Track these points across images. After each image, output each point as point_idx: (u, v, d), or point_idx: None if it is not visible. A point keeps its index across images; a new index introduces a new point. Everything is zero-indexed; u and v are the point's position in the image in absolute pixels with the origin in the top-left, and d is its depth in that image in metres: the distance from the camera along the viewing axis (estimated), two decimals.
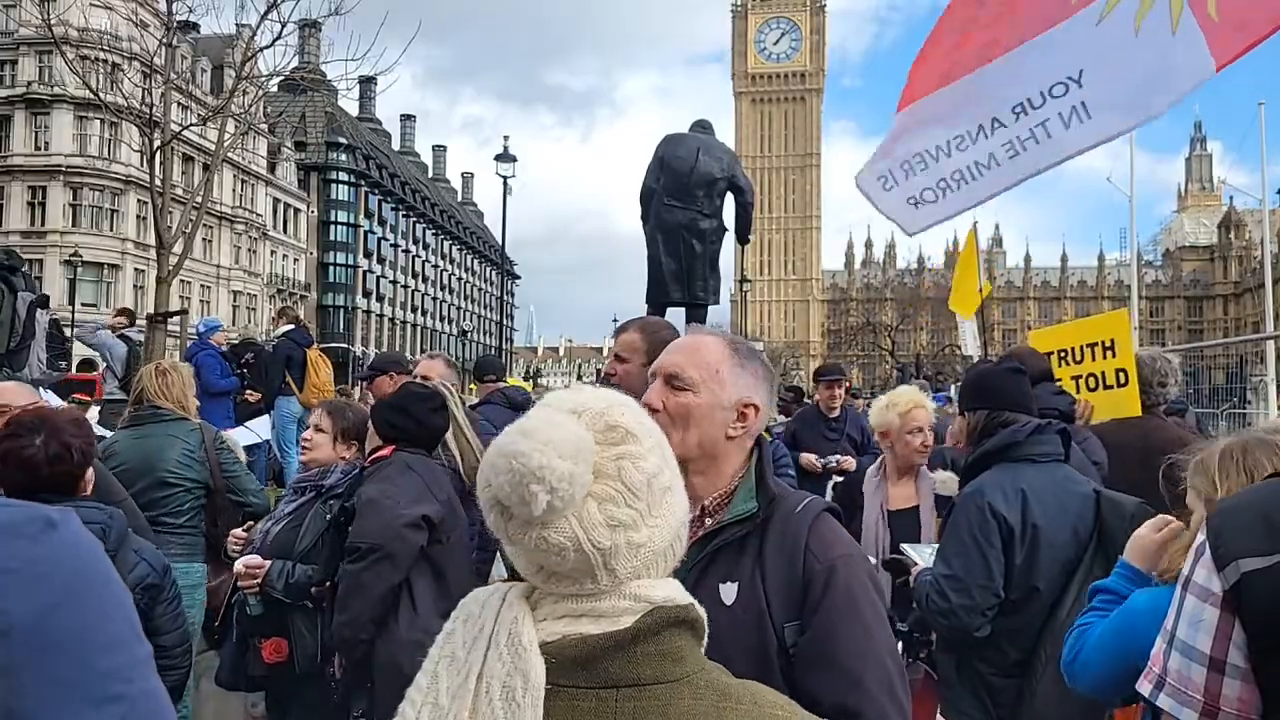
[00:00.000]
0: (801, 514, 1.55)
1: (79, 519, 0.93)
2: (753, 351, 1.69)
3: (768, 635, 1.48)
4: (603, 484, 0.99)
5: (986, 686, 2.63)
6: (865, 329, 70.97)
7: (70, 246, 39.31)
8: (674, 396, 1.60)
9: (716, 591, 1.51)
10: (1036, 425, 2.79)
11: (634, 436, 1.04)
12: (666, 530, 1.04)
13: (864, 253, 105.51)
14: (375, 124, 77.04)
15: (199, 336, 8.97)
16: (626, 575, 1.00)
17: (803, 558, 1.50)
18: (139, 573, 2.42)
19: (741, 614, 1.49)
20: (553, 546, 0.97)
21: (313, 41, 30.38)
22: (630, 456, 1.02)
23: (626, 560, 1.00)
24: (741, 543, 1.55)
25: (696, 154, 7.01)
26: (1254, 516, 1.35)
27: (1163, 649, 1.43)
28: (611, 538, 0.98)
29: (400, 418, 3.14)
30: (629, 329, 2.92)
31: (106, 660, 0.88)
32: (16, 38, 40.18)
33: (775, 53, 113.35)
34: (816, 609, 1.48)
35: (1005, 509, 2.62)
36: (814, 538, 1.52)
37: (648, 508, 1.01)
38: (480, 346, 79.55)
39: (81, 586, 0.88)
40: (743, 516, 1.55)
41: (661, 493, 1.04)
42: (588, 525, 0.98)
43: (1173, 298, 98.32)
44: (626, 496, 1.00)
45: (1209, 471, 1.83)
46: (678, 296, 7.14)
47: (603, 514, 0.99)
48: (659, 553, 1.03)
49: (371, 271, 67.44)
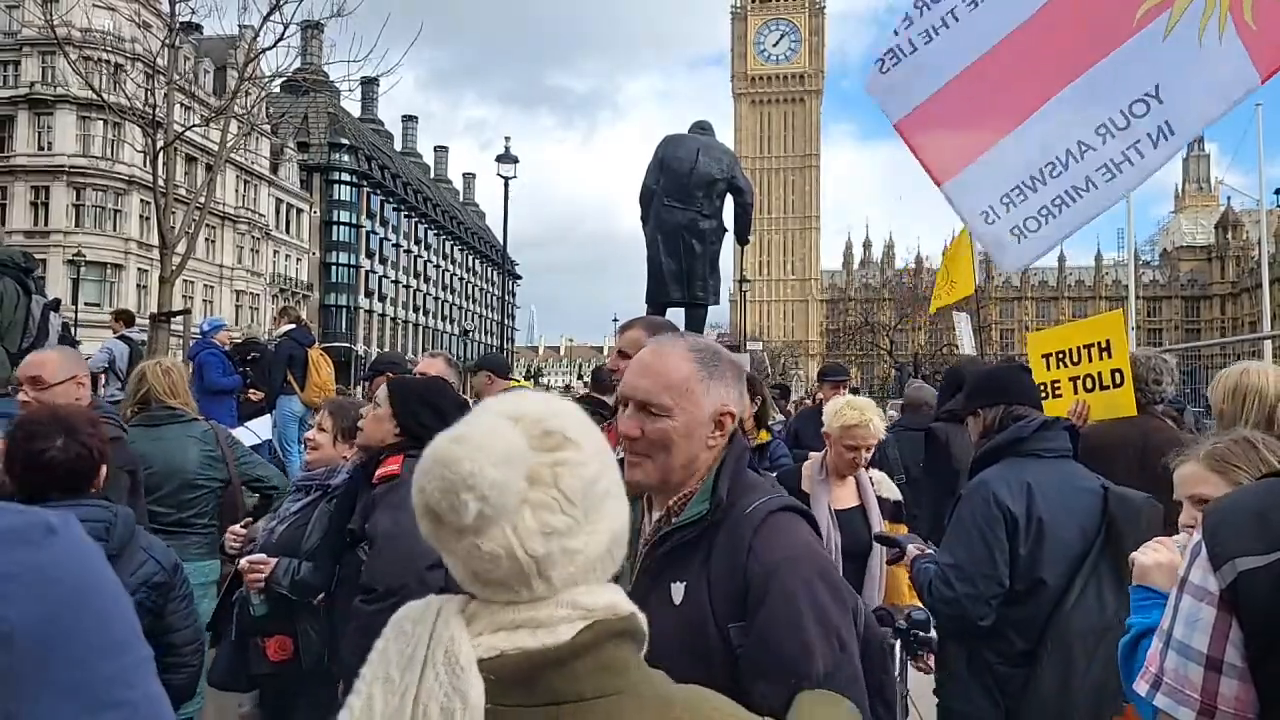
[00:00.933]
0: (751, 515, 1.54)
1: (79, 523, 0.93)
2: (715, 352, 1.66)
3: (711, 636, 1.48)
4: (538, 491, 0.97)
5: (994, 675, 2.65)
6: (864, 329, 70.80)
7: (73, 246, 39.25)
8: (651, 423, 1.57)
9: (668, 591, 1.52)
10: (1043, 421, 2.82)
11: (572, 442, 1.01)
12: (604, 536, 1.02)
13: (862, 253, 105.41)
14: (377, 125, 77.04)
15: (202, 335, 8.98)
16: (562, 583, 0.98)
17: (745, 559, 1.50)
18: (147, 570, 2.40)
19: (688, 614, 1.50)
20: (485, 554, 0.95)
21: (315, 43, 30.40)
22: (567, 463, 0.99)
23: (562, 567, 0.98)
24: (694, 544, 1.55)
25: (696, 155, 7.02)
26: (1250, 515, 1.36)
27: (1159, 648, 1.43)
28: (546, 545, 0.96)
29: (432, 416, 2.85)
30: (633, 327, 2.94)
31: (109, 665, 0.87)
32: (20, 38, 40.18)
33: (774, 54, 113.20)
34: (756, 613, 1.46)
35: (1010, 501, 2.64)
36: (759, 539, 1.51)
37: (584, 514, 0.99)
38: (482, 346, 79.45)
39: (83, 592, 0.87)
40: (694, 519, 1.56)
41: (600, 499, 1.02)
42: (522, 533, 0.95)
43: (1170, 298, 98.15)
44: (562, 503, 0.98)
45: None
46: (678, 297, 7.14)
47: (537, 521, 0.96)
48: (596, 559, 1.01)
49: (374, 272, 67.40)
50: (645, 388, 1.58)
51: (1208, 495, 1.91)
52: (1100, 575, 2.60)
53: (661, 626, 1.44)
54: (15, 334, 3.99)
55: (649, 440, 1.57)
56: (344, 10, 13.82)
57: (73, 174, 42.81)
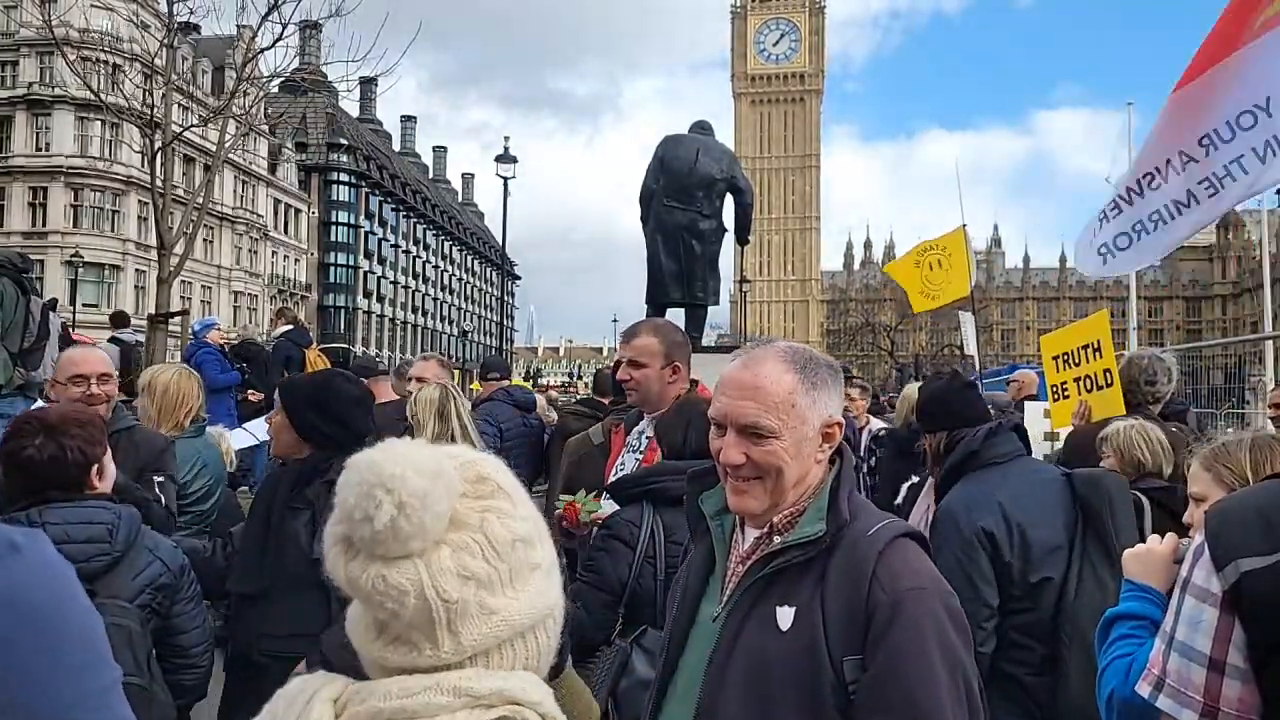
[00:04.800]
0: (873, 539, 1.43)
1: (48, 540, 0.90)
2: (811, 358, 1.55)
3: (823, 667, 1.38)
4: (461, 533, 0.89)
5: (1023, 687, 2.63)
6: (864, 329, 70.90)
7: (71, 247, 39.25)
8: (757, 448, 1.46)
9: (773, 615, 1.43)
10: (988, 429, 2.83)
11: (506, 494, 0.94)
12: (527, 610, 0.91)
13: (863, 253, 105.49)
14: (376, 125, 77.00)
15: (194, 336, 9.10)
16: (471, 645, 0.88)
17: (868, 587, 1.38)
18: (152, 572, 2.37)
19: (796, 641, 1.40)
20: (391, 588, 0.86)
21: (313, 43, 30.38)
22: (498, 512, 0.92)
23: (474, 625, 0.88)
24: (805, 566, 1.44)
25: (696, 155, 7.02)
26: (1252, 516, 1.35)
27: (1162, 650, 1.42)
28: (461, 590, 0.87)
29: (326, 420, 2.73)
30: (641, 333, 2.90)
31: (71, 689, 0.85)
32: (17, 39, 40.15)
33: (775, 54, 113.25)
34: (879, 645, 1.36)
35: (981, 520, 2.64)
36: (883, 566, 1.40)
37: (510, 573, 0.90)
38: (481, 347, 79.48)
39: (46, 613, 0.85)
40: (809, 539, 1.45)
41: (528, 567, 0.93)
42: (435, 570, 0.87)
43: (1171, 298, 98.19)
44: (486, 551, 0.89)
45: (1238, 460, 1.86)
46: (677, 297, 7.14)
47: (455, 561, 0.88)
48: (514, 633, 0.90)
49: (372, 272, 67.38)
50: (745, 411, 1.46)
51: (1199, 493, 1.92)
52: (1091, 559, 2.62)
53: (764, 652, 1.40)
54: (15, 334, 4.00)
55: (755, 464, 1.47)
56: (342, 10, 13.80)
57: (70, 174, 42.79)
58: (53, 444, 2.27)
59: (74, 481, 2.31)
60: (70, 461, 2.29)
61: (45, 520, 2.20)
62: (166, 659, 2.44)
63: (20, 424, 2.36)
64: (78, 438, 2.31)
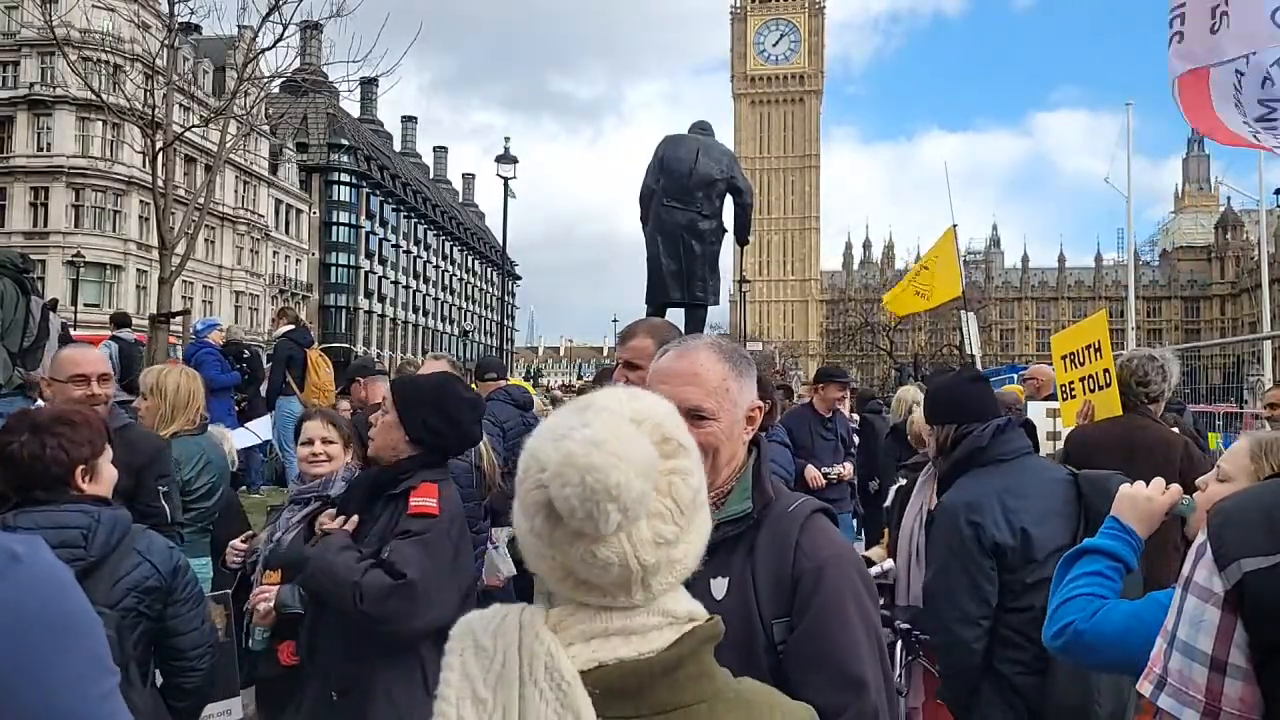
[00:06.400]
0: (794, 513, 1.59)
1: (46, 546, 0.91)
2: (735, 348, 1.69)
3: (755, 631, 1.51)
4: (656, 500, 0.96)
5: (1013, 687, 2.63)
6: (864, 329, 70.92)
7: (73, 247, 39.28)
8: (698, 430, 1.52)
9: (708, 586, 1.54)
10: (997, 425, 2.82)
11: (685, 450, 1.02)
12: (698, 546, 1.03)
13: (862, 254, 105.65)
14: (377, 125, 77.03)
15: (195, 336, 9.16)
16: (660, 590, 0.98)
17: (793, 556, 1.54)
18: (138, 575, 2.31)
19: (731, 609, 1.50)
20: (599, 561, 0.93)
21: (314, 43, 30.39)
22: (681, 472, 1.00)
23: (663, 576, 0.98)
24: (734, 540, 1.57)
25: (696, 155, 7.02)
26: (1256, 516, 1.35)
27: (1163, 649, 1.42)
28: (656, 554, 0.96)
29: (441, 420, 2.74)
30: (638, 334, 2.90)
31: (69, 695, 0.86)
32: (19, 39, 40.19)
33: (774, 54, 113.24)
34: (806, 607, 1.51)
35: (982, 517, 2.63)
36: (805, 537, 1.56)
37: (689, 523, 1.00)
38: (481, 347, 79.51)
39: (45, 621, 0.86)
40: (738, 516, 1.58)
41: (699, 509, 1.03)
42: (637, 542, 0.94)
43: (1170, 298, 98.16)
44: (674, 513, 0.98)
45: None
46: (677, 297, 7.15)
47: (652, 530, 0.96)
48: (688, 568, 1.01)
49: (373, 272, 67.41)
50: (689, 395, 1.57)
51: (1228, 471, 1.92)
52: None
53: None
54: (16, 334, 4.01)
55: (698, 445, 1.58)
56: (343, 10, 13.81)
57: (72, 175, 42.82)
58: (35, 442, 2.25)
59: (55, 481, 2.27)
60: (49, 460, 2.25)
61: (17, 524, 2.15)
62: (165, 662, 2.42)
63: (13, 421, 2.34)
64: (61, 437, 2.28)
